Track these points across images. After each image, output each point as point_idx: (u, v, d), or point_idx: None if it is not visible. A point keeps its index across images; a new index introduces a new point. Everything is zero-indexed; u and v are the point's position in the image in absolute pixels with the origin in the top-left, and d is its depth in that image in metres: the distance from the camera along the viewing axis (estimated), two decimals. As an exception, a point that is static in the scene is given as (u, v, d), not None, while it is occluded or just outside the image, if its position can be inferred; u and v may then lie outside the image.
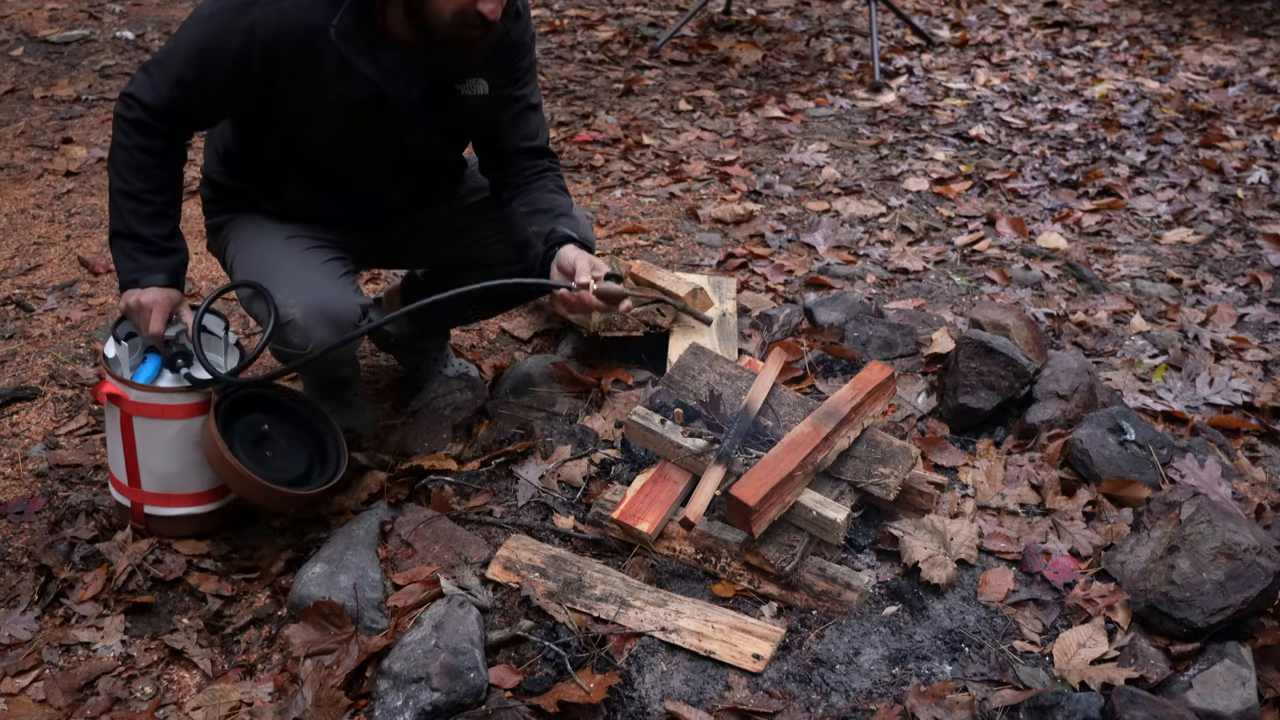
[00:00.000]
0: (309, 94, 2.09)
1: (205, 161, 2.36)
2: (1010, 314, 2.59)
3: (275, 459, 2.19)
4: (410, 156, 2.27)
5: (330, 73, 2.06)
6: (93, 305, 3.22)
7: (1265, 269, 3.48)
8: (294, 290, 2.14)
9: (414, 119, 2.20)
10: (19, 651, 2.03)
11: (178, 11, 5.89)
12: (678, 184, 4.10)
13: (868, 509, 2.11)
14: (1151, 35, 6.12)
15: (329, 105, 2.10)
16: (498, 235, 2.42)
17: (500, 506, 2.22)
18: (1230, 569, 1.85)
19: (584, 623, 1.89)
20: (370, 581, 2.02)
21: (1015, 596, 1.97)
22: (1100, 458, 2.23)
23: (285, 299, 2.13)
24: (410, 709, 1.74)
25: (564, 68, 5.37)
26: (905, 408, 2.48)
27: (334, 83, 2.08)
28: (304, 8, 2.01)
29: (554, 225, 2.28)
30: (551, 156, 2.42)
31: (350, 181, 2.29)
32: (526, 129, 2.35)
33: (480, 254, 2.46)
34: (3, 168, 4.08)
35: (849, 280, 3.36)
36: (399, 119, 2.17)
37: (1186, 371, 2.79)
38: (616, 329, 2.55)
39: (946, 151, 4.45)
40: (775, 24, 6.20)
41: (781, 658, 1.84)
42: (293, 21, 2.01)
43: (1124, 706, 1.68)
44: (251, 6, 2.00)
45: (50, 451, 2.57)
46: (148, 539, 2.23)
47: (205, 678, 2.00)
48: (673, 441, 2.13)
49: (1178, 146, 4.50)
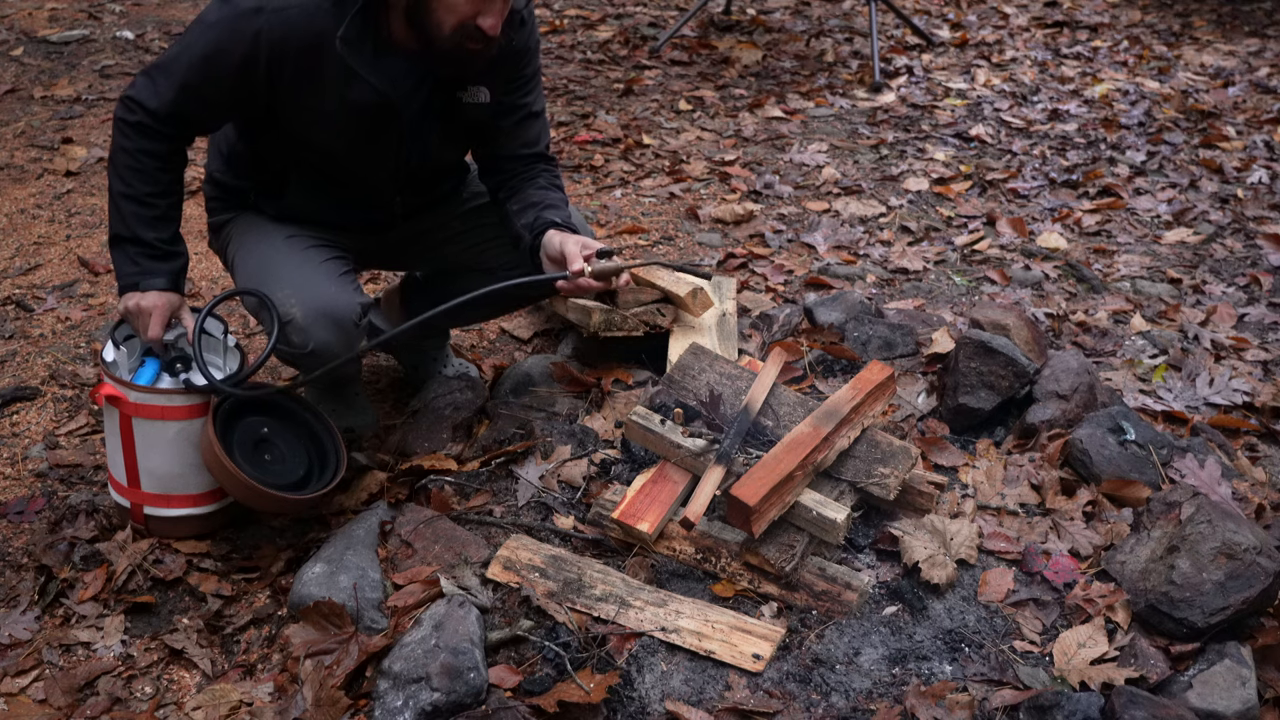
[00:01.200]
0: (313, 100, 2.09)
1: (208, 160, 2.36)
2: (1010, 314, 2.59)
3: (274, 462, 2.19)
4: (411, 162, 2.27)
5: (334, 79, 2.07)
6: (93, 305, 3.22)
7: (1265, 269, 3.48)
8: (294, 289, 2.14)
9: (416, 125, 2.20)
10: (19, 651, 2.03)
11: (177, 11, 5.89)
12: (678, 184, 4.10)
13: (868, 509, 2.11)
14: (1151, 35, 6.12)
15: (333, 111, 2.11)
16: (499, 239, 2.42)
17: (500, 506, 2.22)
18: (1230, 569, 1.85)
19: (584, 623, 1.89)
20: (370, 581, 2.02)
21: (1015, 596, 1.97)
22: (1100, 458, 2.23)
23: (285, 298, 2.13)
24: (410, 709, 1.74)
25: (564, 68, 5.37)
26: (905, 408, 2.48)
27: (338, 89, 2.08)
28: (310, 14, 2.01)
29: (537, 215, 2.26)
30: (549, 160, 2.41)
31: (352, 186, 2.30)
32: (526, 136, 2.35)
33: (481, 257, 2.46)
34: (3, 168, 4.08)
35: (849, 280, 3.36)
36: (401, 125, 2.17)
37: (1186, 371, 2.79)
38: (616, 329, 2.55)
39: (946, 151, 4.45)
40: (775, 24, 6.20)
41: (781, 658, 1.84)
42: (299, 28, 2.01)
43: (1124, 706, 1.68)
44: (257, 14, 2.00)
45: (50, 451, 2.57)
46: (148, 539, 2.23)
47: (205, 678, 2.00)
48: (673, 441, 2.13)
49: (1178, 146, 4.50)
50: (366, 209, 2.34)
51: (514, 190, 2.36)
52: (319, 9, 2.01)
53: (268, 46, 2.01)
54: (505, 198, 2.37)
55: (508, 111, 2.30)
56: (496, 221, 2.42)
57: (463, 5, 1.98)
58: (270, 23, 2.00)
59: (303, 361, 2.21)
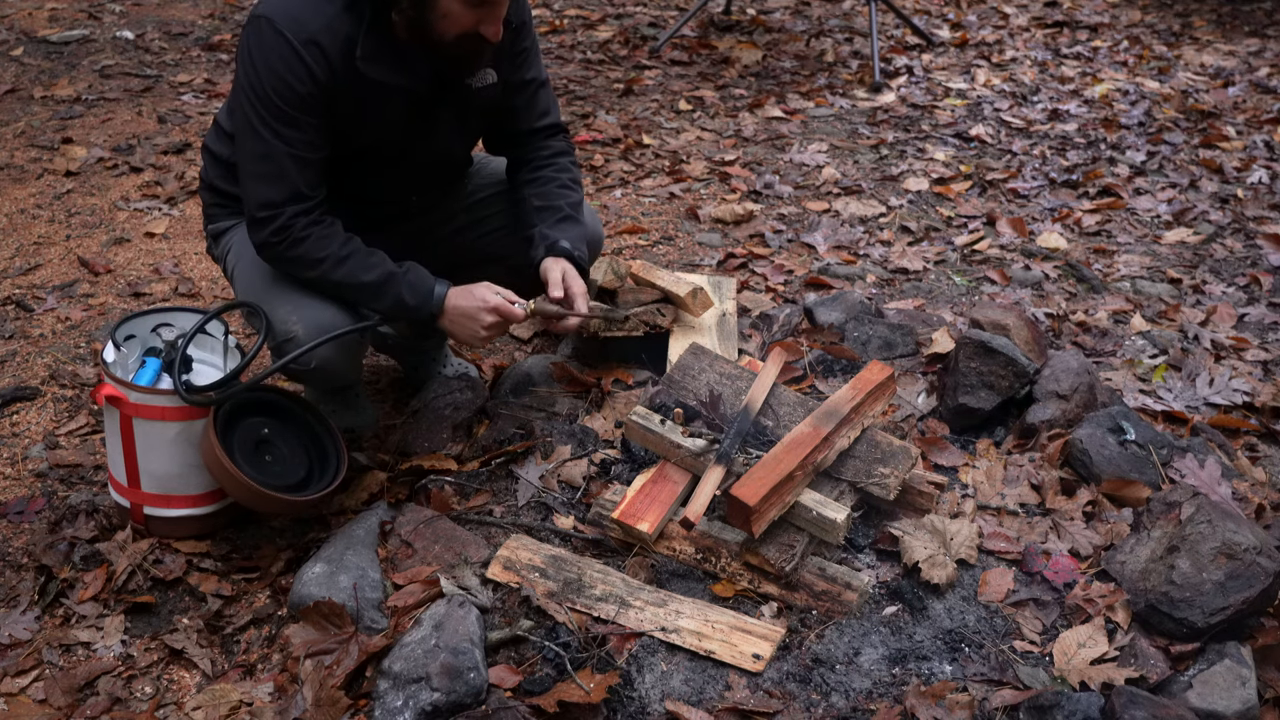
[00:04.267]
0: (354, 112, 2.12)
1: (205, 168, 2.36)
2: (1010, 314, 2.59)
3: (275, 463, 2.19)
4: (425, 158, 2.29)
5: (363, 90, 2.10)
6: (93, 305, 3.22)
7: (1265, 269, 3.48)
8: (295, 307, 2.15)
9: (432, 120, 2.22)
10: (19, 651, 2.03)
11: (177, 11, 5.89)
12: (678, 184, 4.10)
13: (868, 509, 2.11)
14: (1151, 35, 6.12)
15: (362, 119, 2.13)
16: (507, 229, 2.43)
17: (500, 506, 2.22)
18: (1230, 569, 1.85)
19: (584, 623, 1.89)
20: (370, 581, 2.02)
21: (1015, 596, 1.97)
22: (1100, 458, 2.23)
23: (287, 316, 2.14)
24: (410, 709, 1.74)
25: (564, 68, 5.37)
26: (905, 408, 2.48)
27: (368, 100, 2.11)
28: (331, 29, 2.03)
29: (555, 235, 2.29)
30: (565, 133, 2.46)
31: (364, 187, 2.30)
32: (539, 107, 2.39)
33: (490, 247, 2.47)
34: (3, 168, 4.08)
35: (849, 280, 3.36)
36: (416, 121, 2.20)
37: (1186, 371, 2.79)
38: (616, 329, 2.55)
39: (946, 151, 4.45)
40: (775, 24, 6.19)
41: (781, 658, 1.84)
42: (332, 46, 2.03)
43: (1124, 706, 1.68)
44: (298, 49, 2.00)
45: (50, 451, 2.57)
46: (148, 539, 2.23)
47: (205, 678, 2.00)
48: (673, 441, 2.13)
49: (1178, 146, 4.50)
50: (379, 205, 2.35)
51: (535, 173, 2.38)
52: (339, 22, 2.03)
53: (320, 64, 2.03)
54: (527, 178, 2.39)
55: (517, 89, 2.33)
56: (502, 210, 2.44)
57: (464, 17, 2.01)
58: (315, 56, 2.01)
59: (306, 378, 2.21)
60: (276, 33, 2.00)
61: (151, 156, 4.21)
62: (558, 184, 2.37)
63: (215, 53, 5.35)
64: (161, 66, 5.15)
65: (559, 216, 2.32)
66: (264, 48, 2.02)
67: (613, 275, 2.65)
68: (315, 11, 2.02)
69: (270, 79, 2.02)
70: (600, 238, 2.50)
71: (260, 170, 2.08)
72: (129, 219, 3.75)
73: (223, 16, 5.86)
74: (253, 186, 2.09)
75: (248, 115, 2.06)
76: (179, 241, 3.62)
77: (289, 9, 2.02)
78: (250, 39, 2.04)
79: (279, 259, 2.14)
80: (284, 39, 2.00)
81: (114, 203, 3.86)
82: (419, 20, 2.02)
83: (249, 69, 2.04)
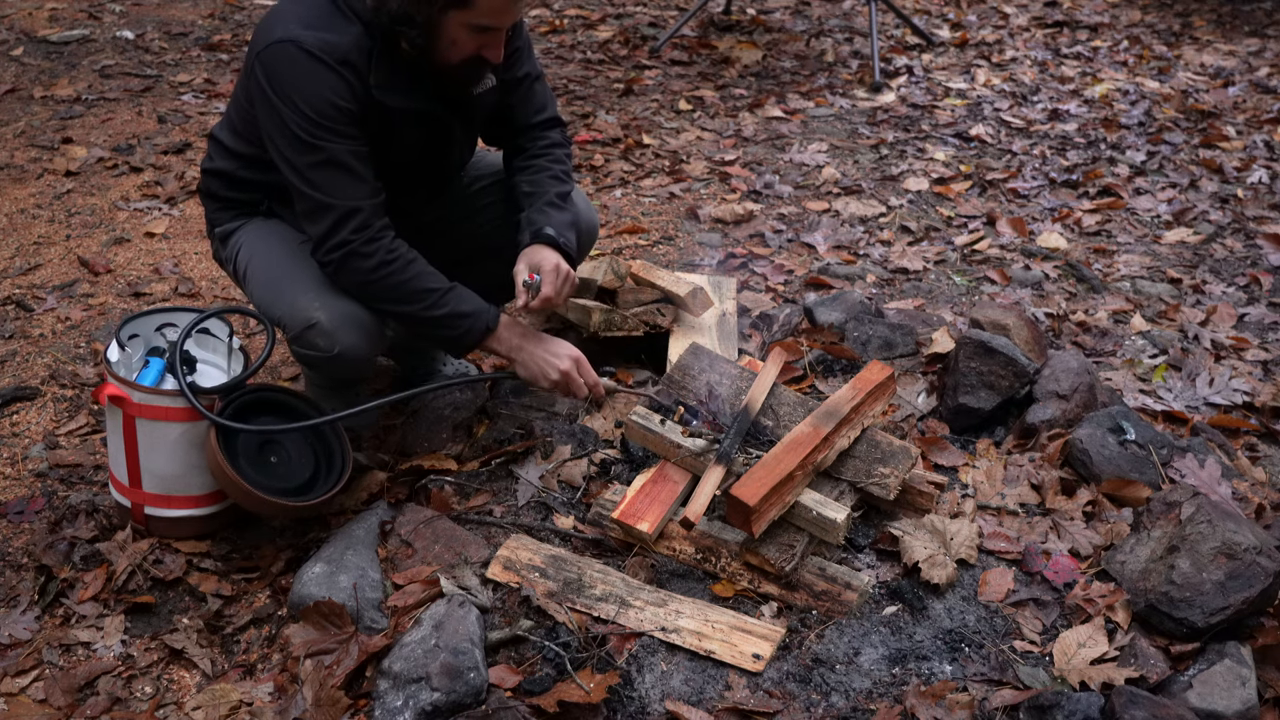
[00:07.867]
0: (378, 133, 2.14)
1: (207, 178, 2.35)
2: (1010, 314, 2.59)
3: (280, 465, 2.18)
4: (439, 171, 2.34)
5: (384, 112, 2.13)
6: (93, 305, 3.22)
7: (1265, 269, 3.48)
8: (317, 294, 2.15)
9: (446, 136, 2.26)
10: (19, 651, 2.03)
11: (178, 11, 5.89)
12: (678, 184, 4.10)
13: (868, 509, 2.11)
14: (1151, 35, 6.12)
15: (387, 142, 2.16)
16: (503, 220, 2.44)
17: (500, 506, 2.22)
18: (1230, 569, 1.85)
19: (584, 623, 1.89)
20: (370, 581, 2.02)
21: (1015, 596, 1.97)
22: (1100, 458, 2.23)
23: (309, 303, 2.13)
24: (410, 709, 1.74)
25: (564, 68, 5.37)
26: (905, 408, 2.48)
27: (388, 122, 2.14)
28: (360, 47, 2.04)
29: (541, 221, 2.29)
30: (562, 127, 2.49)
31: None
32: (535, 103, 2.42)
33: (487, 239, 2.47)
34: (3, 168, 4.08)
35: (849, 280, 3.36)
36: (432, 139, 2.23)
37: (1186, 371, 2.79)
38: (616, 329, 2.56)
39: (946, 151, 4.44)
40: (775, 24, 6.19)
41: (781, 658, 1.84)
42: (363, 67, 2.05)
43: (1124, 706, 1.68)
44: (336, 69, 2.01)
45: (50, 451, 2.57)
46: (148, 539, 2.23)
47: (205, 678, 2.00)
48: (673, 441, 2.13)
49: (1178, 146, 4.50)
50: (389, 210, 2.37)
51: (528, 162, 2.41)
52: (353, 42, 2.04)
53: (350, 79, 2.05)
54: (520, 166, 2.42)
55: (512, 86, 2.35)
56: (499, 201, 2.45)
57: (467, 44, 2.05)
58: (343, 74, 2.03)
59: (328, 365, 2.20)
60: (310, 55, 2.00)
61: (151, 156, 4.21)
62: (549, 174, 2.39)
63: (215, 53, 5.35)
64: (161, 66, 5.15)
65: (545, 202, 2.34)
66: (298, 72, 2.01)
67: (613, 275, 2.65)
68: (341, 32, 2.03)
69: (313, 100, 2.01)
70: (594, 224, 2.50)
71: (324, 178, 2.06)
72: (129, 219, 3.75)
73: (223, 16, 5.86)
74: (324, 195, 2.07)
75: (295, 136, 2.03)
76: (179, 241, 3.62)
77: (314, 31, 2.01)
78: (279, 66, 2.02)
79: (353, 254, 2.09)
80: (319, 61, 2.00)
81: (114, 203, 3.86)
82: (427, 47, 2.05)
83: (284, 96, 2.02)
